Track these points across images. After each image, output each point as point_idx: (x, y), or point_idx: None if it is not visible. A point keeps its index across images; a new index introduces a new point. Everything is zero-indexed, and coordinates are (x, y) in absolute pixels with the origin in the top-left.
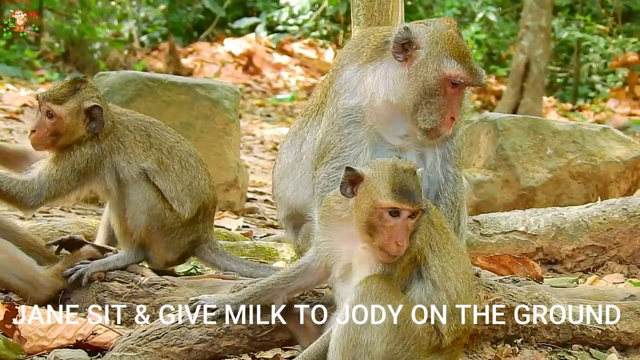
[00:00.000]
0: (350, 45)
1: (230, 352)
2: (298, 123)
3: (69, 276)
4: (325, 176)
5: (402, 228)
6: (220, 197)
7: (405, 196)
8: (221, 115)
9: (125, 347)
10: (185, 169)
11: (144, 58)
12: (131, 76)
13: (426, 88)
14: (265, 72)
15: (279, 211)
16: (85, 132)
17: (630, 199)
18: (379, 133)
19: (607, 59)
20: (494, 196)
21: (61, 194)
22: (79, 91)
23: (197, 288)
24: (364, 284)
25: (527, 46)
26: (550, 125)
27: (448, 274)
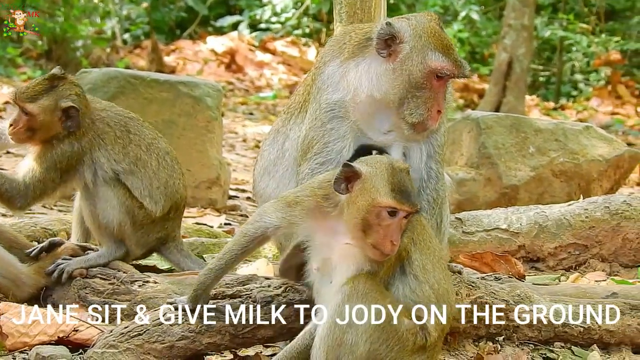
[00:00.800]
0: (332, 43)
1: (212, 349)
2: (280, 121)
3: (51, 273)
4: (309, 172)
5: (397, 227)
6: (202, 195)
7: (405, 197)
8: (203, 112)
9: (106, 344)
10: (162, 166)
11: (127, 56)
12: (113, 73)
13: (412, 82)
14: (248, 70)
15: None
16: (61, 129)
17: (612, 197)
18: (361, 129)
19: (590, 57)
20: (476, 194)
21: (46, 193)
22: (56, 89)
23: (179, 285)
24: (351, 283)
25: (509, 45)
26: (533, 123)
27: (427, 266)
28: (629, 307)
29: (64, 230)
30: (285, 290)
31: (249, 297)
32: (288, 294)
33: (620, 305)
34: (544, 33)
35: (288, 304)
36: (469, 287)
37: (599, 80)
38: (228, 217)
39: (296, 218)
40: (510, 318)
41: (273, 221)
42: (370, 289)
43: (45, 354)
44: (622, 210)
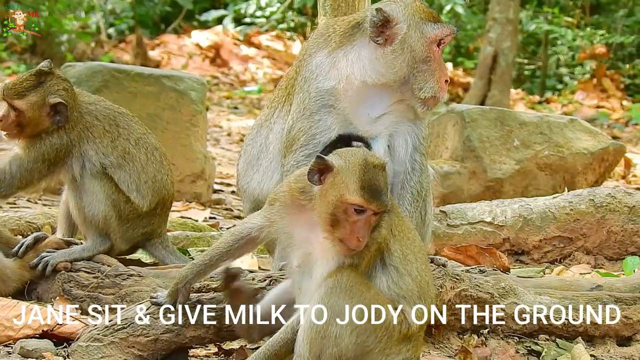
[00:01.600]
0: (316, 35)
1: (196, 342)
2: (264, 115)
3: (35, 266)
4: (294, 164)
5: (365, 224)
6: (187, 189)
7: (373, 196)
8: (188, 106)
9: (91, 337)
10: (151, 161)
11: (111, 50)
12: (98, 67)
13: (416, 58)
14: (233, 65)
15: (244, 203)
16: (50, 124)
17: (597, 189)
18: (349, 118)
19: (575, 51)
20: (461, 187)
21: (32, 183)
22: (43, 84)
23: (164, 278)
24: (334, 277)
25: (494, 38)
26: (518, 116)
27: (408, 257)
28: (614, 299)
29: (48, 224)
30: (270, 283)
31: None
32: (272, 287)
33: (605, 297)
34: (529, 27)
35: None
36: (453, 280)
37: (584, 74)
38: (213, 211)
39: (275, 215)
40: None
41: (257, 221)
42: (354, 281)
43: (30, 347)
44: (607, 203)
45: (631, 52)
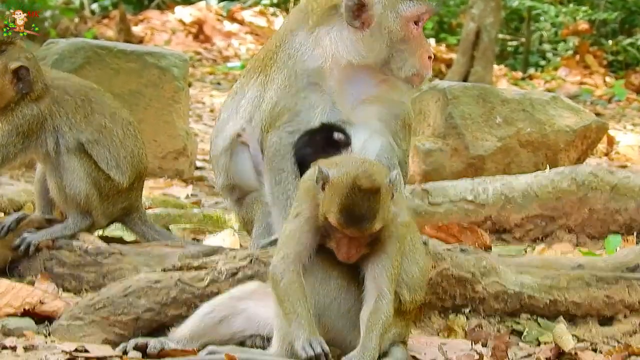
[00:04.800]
0: (297, 11)
1: (177, 320)
2: (239, 83)
3: (17, 247)
4: (277, 140)
5: (351, 243)
6: (169, 165)
7: (349, 222)
8: (170, 83)
9: (72, 316)
10: (127, 136)
11: (95, 26)
12: (80, 44)
13: (394, 38)
14: (216, 40)
15: (217, 177)
16: (14, 93)
17: (579, 167)
18: (333, 99)
19: (558, 27)
20: (443, 164)
21: (9, 158)
22: (4, 52)
23: (145, 256)
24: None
25: (477, 14)
26: (500, 93)
27: (416, 244)
28: (596, 278)
29: (30, 202)
30: (251, 262)
31: (214, 269)
32: (253, 265)
33: (587, 277)
34: (512, 3)
35: (253, 276)
36: (435, 259)
37: (567, 50)
38: (195, 188)
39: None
40: (476, 290)
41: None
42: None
43: (12, 326)
44: (589, 181)
45: (614, 28)
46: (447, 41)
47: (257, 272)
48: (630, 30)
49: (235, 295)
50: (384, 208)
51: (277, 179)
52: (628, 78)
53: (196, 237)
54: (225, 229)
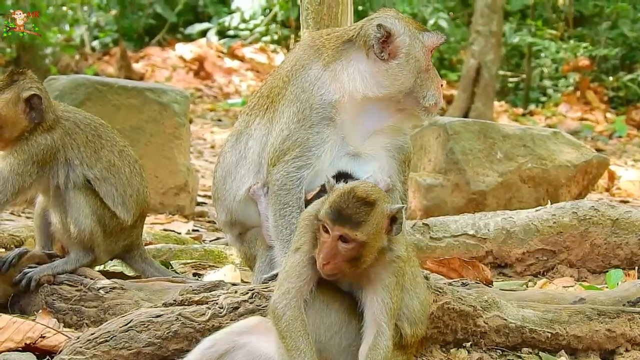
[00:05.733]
0: (305, 47)
1: (178, 355)
2: (243, 122)
3: (18, 282)
4: (284, 174)
5: (330, 247)
6: (170, 201)
7: (337, 217)
8: (171, 119)
9: (74, 350)
10: (134, 174)
11: (96, 63)
12: (81, 80)
13: (419, 67)
14: (217, 77)
15: (220, 214)
16: (27, 122)
17: (580, 202)
18: (343, 134)
19: (559, 63)
20: (444, 200)
21: (24, 188)
22: (17, 82)
23: (146, 291)
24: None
25: (478, 51)
26: (500, 129)
27: (417, 278)
28: (597, 312)
29: (31, 237)
30: (252, 297)
31: (215, 303)
32: (255, 300)
33: (588, 311)
34: (512, 39)
35: (254, 310)
36: (436, 293)
37: (567, 86)
38: (196, 224)
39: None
40: (478, 324)
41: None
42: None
43: None
44: (590, 215)
45: (615, 64)
46: (448, 77)
47: (258, 307)
48: (630, 66)
49: (237, 330)
50: (373, 225)
51: (281, 213)
52: (629, 114)
53: (197, 273)
54: (227, 264)
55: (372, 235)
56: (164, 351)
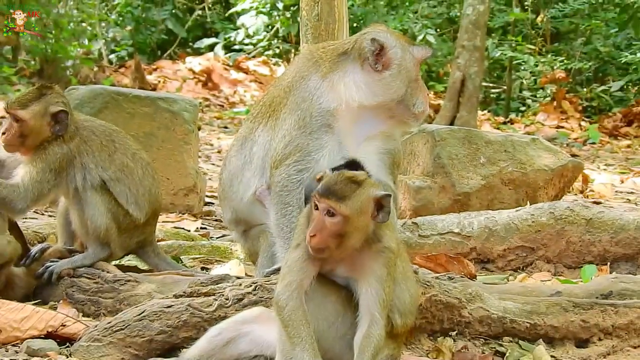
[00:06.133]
0: (304, 60)
1: (187, 342)
2: (247, 129)
3: (41, 275)
4: (285, 177)
5: (318, 220)
6: (180, 201)
7: (323, 191)
8: (181, 126)
9: (91, 338)
10: (146, 175)
11: (112, 74)
12: (99, 90)
13: (410, 77)
14: (223, 88)
15: (225, 213)
16: (50, 133)
17: (557, 203)
18: (340, 139)
19: (537, 76)
20: (431, 201)
21: (43, 194)
22: (45, 96)
23: (158, 284)
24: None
25: (463, 64)
26: (484, 136)
27: (407, 273)
28: (572, 304)
29: (53, 234)
30: (255, 289)
31: (222, 295)
32: (257, 292)
33: (564, 303)
34: (494, 53)
35: (258, 302)
36: (424, 286)
37: (545, 97)
38: (204, 222)
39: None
40: (463, 314)
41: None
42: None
43: (36, 347)
44: (566, 215)
45: (589, 77)
46: (435, 88)
47: (261, 298)
48: (603, 78)
49: (241, 319)
50: (357, 203)
51: (282, 212)
52: (601, 122)
53: (205, 267)
54: (232, 259)
55: (356, 212)
56: (174, 339)
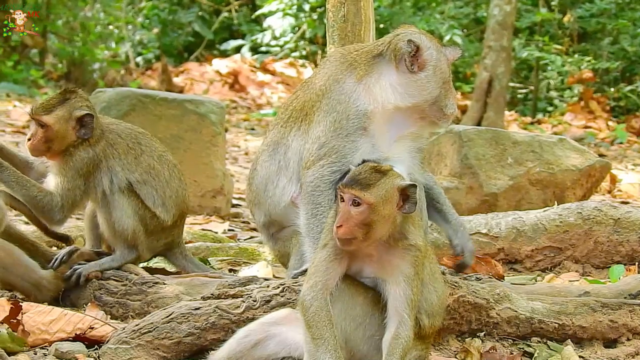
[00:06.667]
0: (337, 63)
1: (215, 344)
2: (278, 133)
3: (69, 278)
4: (318, 177)
5: (344, 211)
6: (207, 203)
7: (347, 180)
8: (208, 128)
9: (119, 340)
10: (173, 177)
11: (139, 77)
12: (126, 92)
13: (444, 79)
14: (250, 90)
15: (258, 216)
16: (75, 137)
17: (584, 203)
18: (373, 141)
19: (564, 76)
20: (459, 201)
21: (77, 201)
22: (69, 100)
23: (186, 286)
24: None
25: (490, 64)
26: (511, 136)
27: (435, 274)
28: (601, 304)
29: (81, 236)
30: (283, 291)
31: (249, 297)
32: (285, 293)
33: (593, 303)
34: (521, 54)
35: (285, 303)
36: (452, 287)
37: (572, 97)
38: (231, 224)
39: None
40: (491, 315)
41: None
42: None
43: (64, 349)
44: (594, 215)
45: (616, 76)
46: (462, 89)
47: (289, 300)
48: (630, 78)
49: (269, 321)
50: (382, 191)
51: (313, 212)
52: (629, 122)
53: (233, 269)
54: (260, 261)
55: (380, 200)
56: (202, 341)
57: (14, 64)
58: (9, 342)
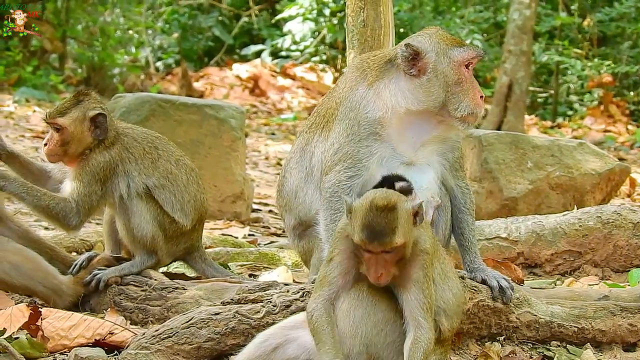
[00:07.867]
0: (353, 70)
1: (236, 349)
2: (304, 139)
3: (88, 283)
4: (335, 182)
5: (378, 262)
6: (227, 208)
7: (370, 237)
8: (228, 132)
9: (139, 346)
10: (191, 181)
11: (159, 82)
12: (146, 97)
13: (449, 81)
14: (270, 94)
15: (289, 220)
16: (91, 139)
17: (604, 207)
18: (393, 146)
19: (584, 80)
20: (479, 206)
21: (93, 206)
22: (82, 102)
23: (205, 291)
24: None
25: (509, 69)
26: (531, 140)
27: (448, 274)
28: (620, 308)
29: (100, 242)
30: (303, 296)
31: (269, 302)
32: (305, 298)
33: (612, 307)
34: (541, 58)
35: (305, 308)
36: (472, 291)
37: (592, 101)
38: (252, 229)
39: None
40: (510, 319)
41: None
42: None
43: (83, 355)
44: (613, 219)
45: (636, 80)
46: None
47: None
48: None
49: (288, 325)
50: (404, 225)
51: (332, 218)
52: None
53: (253, 274)
54: (280, 266)
55: (406, 234)
56: (222, 346)
57: (34, 69)
58: (28, 348)
